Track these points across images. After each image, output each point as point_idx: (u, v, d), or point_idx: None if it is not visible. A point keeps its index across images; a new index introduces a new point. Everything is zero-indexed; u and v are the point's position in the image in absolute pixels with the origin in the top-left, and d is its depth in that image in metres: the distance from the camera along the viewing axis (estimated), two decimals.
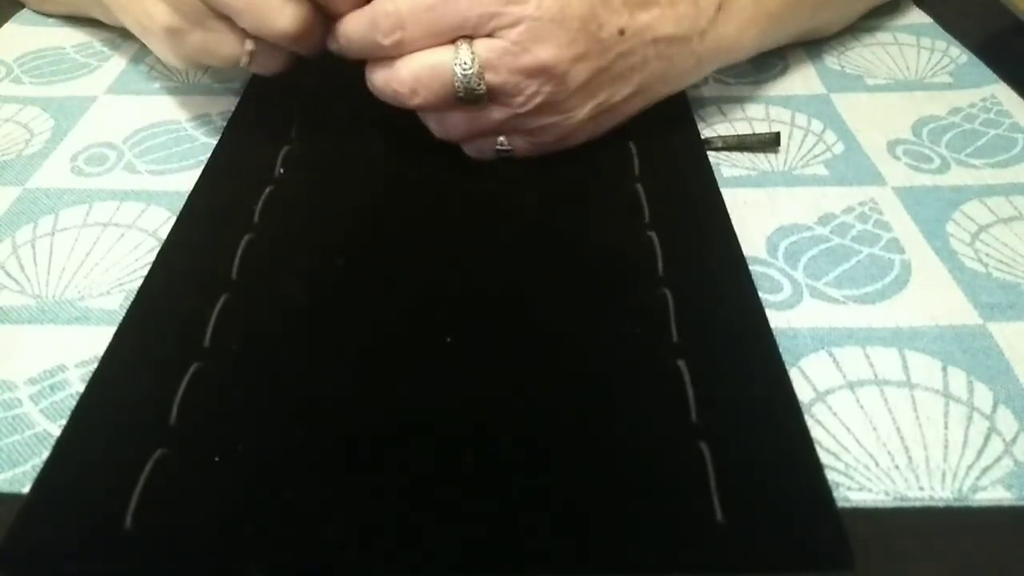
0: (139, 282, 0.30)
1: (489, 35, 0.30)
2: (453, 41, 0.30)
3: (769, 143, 0.37)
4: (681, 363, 0.26)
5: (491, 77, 0.30)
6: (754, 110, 0.40)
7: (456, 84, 0.30)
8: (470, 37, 0.30)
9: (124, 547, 0.21)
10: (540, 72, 0.30)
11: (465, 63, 0.29)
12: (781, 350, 0.27)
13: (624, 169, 0.34)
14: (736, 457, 0.23)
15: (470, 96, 0.30)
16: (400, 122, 0.36)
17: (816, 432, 0.25)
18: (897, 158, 0.37)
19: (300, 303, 0.29)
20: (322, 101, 0.39)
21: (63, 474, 0.23)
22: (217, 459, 0.23)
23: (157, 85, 0.42)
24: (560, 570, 0.21)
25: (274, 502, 0.22)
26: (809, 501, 0.22)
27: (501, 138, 0.33)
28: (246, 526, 0.22)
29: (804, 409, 0.25)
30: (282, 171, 0.35)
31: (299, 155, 0.36)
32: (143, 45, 0.46)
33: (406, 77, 0.31)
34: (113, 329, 0.28)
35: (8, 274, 0.31)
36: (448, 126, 0.33)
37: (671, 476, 0.23)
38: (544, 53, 0.29)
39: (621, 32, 0.31)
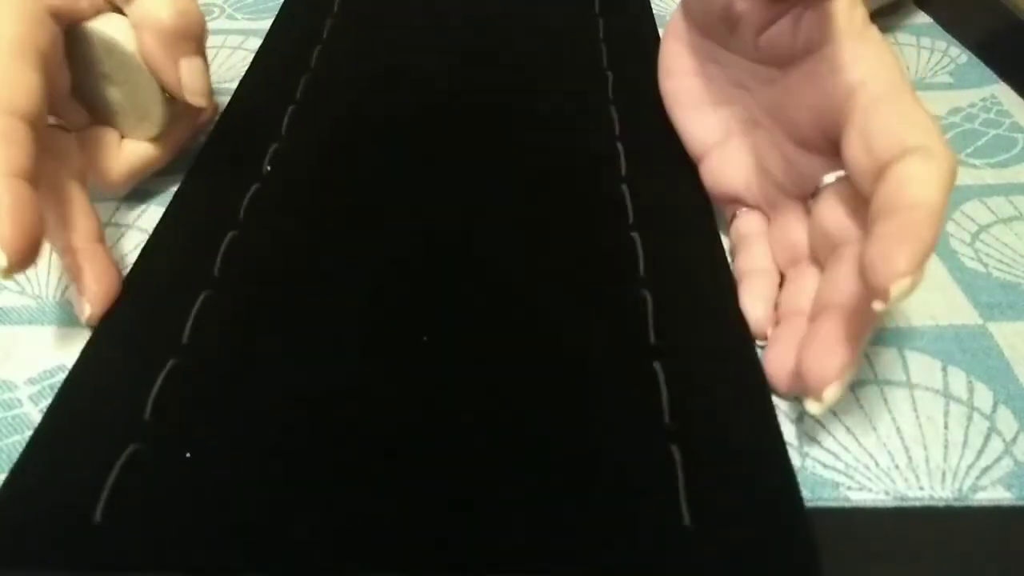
0: None
1: None
2: None
3: None
4: (657, 365, 0.26)
5: None
6: None
7: None
8: None
9: (92, 542, 0.21)
10: None
11: None
12: None
13: (611, 170, 0.34)
14: (707, 461, 0.23)
15: None
16: (388, 123, 0.36)
17: (816, 432, 0.25)
18: None
19: (281, 301, 0.29)
20: (312, 100, 0.39)
21: (35, 469, 0.23)
22: (189, 455, 0.23)
23: None
24: (523, 572, 0.21)
25: (246, 499, 0.22)
26: (778, 506, 0.22)
27: None
28: (217, 523, 0.22)
29: (804, 408, 0.25)
30: (269, 168, 0.35)
31: (287, 153, 0.36)
32: None
33: None
34: None
35: None
36: None
37: (640, 479, 0.23)
38: None
39: None
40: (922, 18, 0.48)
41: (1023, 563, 0.22)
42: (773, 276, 0.28)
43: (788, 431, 0.25)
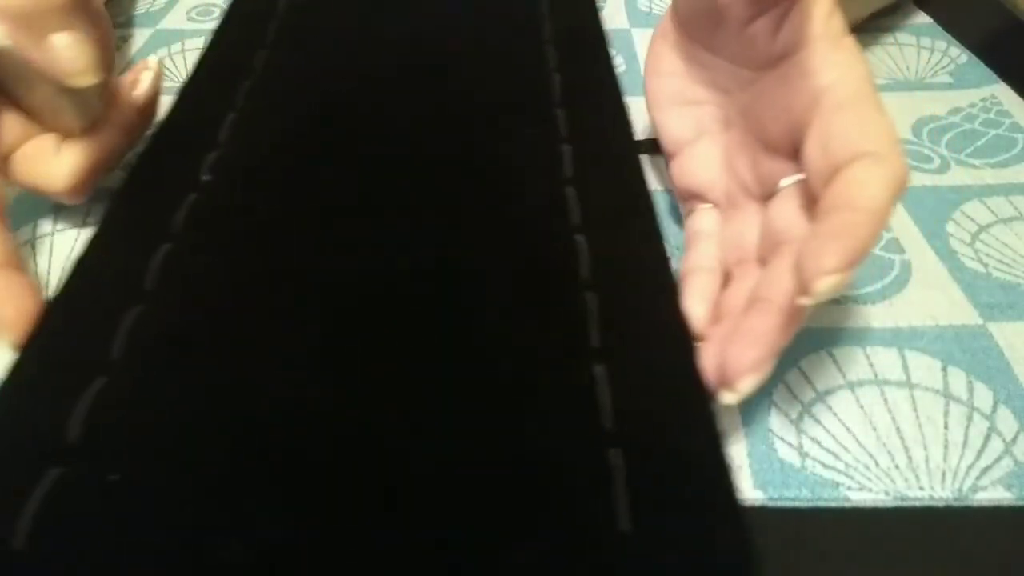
0: None
1: None
2: None
3: None
4: (599, 368, 0.25)
5: None
6: None
7: None
8: None
9: (13, 569, 0.20)
10: None
11: None
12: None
13: (556, 172, 0.33)
14: (645, 465, 0.22)
15: None
16: (330, 129, 0.35)
17: (816, 432, 0.25)
18: None
19: (215, 315, 0.27)
20: (254, 106, 0.38)
21: None
22: (117, 478, 0.22)
23: None
24: None
25: (176, 523, 0.21)
26: (715, 510, 0.21)
27: None
28: (145, 548, 0.21)
29: (804, 409, 0.25)
30: (208, 177, 0.34)
31: (227, 161, 0.34)
32: (143, 46, 0.47)
33: None
34: None
35: None
36: None
37: (577, 484, 0.22)
38: None
39: None
40: (922, 18, 0.48)
41: (1023, 563, 0.22)
42: (717, 275, 0.28)
43: (788, 431, 0.25)
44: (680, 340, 0.26)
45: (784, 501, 0.23)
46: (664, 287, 0.28)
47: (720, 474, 0.22)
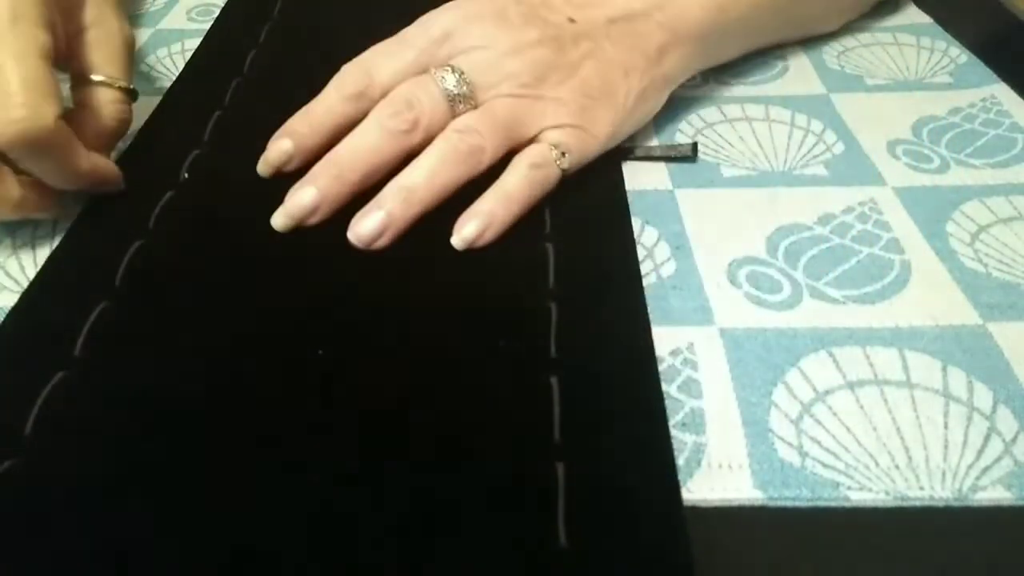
0: None
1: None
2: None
3: (686, 154, 0.36)
4: (554, 379, 0.25)
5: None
6: (754, 110, 0.40)
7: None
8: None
9: None
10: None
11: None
12: (781, 350, 0.27)
13: None
14: (591, 479, 0.22)
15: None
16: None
17: (816, 432, 0.25)
18: (897, 158, 0.37)
19: (180, 314, 0.28)
20: (239, 105, 0.38)
21: None
22: (69, 475, 0.22)
23: (158, 86, 0.43)
24: None
25: (117, 523, 0.21)
26: (657, 527, 0.21)
27: None
28: (86, 545, 0.21)
29: (804, 409, 0.25)
30: (187, 175, 0.34)
31: (208, 161, 0.35)
32: (143, 46, 0.47)
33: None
34: None
35: (8, 274, 0.31)
36: None
37: (520, 498, 0.22)
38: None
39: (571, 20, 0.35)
40: (922, 18, 0.48)
41: (1023, 563, 0.22)
42: None
43: (788, 431, 0.25)
44: (640, 355, 0.26)
45: (784, 501, 0.23)
46: (630, 301, 0.28)
47: (664, 493, 0.22)
